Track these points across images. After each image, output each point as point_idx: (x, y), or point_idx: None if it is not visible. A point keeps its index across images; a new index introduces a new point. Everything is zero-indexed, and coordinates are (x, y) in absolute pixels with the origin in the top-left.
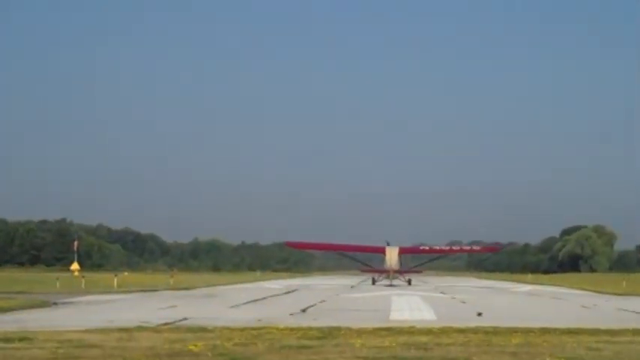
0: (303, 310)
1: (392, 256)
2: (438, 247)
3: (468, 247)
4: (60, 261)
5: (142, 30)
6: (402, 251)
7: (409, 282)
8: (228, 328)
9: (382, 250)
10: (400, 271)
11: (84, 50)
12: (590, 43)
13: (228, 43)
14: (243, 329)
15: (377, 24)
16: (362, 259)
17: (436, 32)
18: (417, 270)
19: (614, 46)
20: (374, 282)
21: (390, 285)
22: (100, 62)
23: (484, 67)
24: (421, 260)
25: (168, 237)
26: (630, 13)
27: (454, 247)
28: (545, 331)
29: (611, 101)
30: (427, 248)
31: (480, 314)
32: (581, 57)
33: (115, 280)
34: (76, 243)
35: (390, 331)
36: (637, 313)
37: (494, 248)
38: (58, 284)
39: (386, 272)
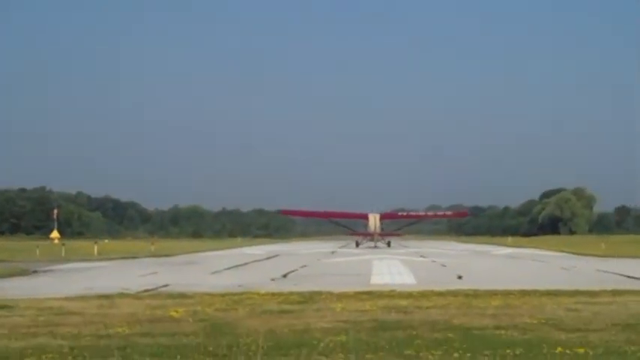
0: (284, 276)
1: (374, 222)
2: (414, 213)
3: (441, 213)
4: (40, 229)
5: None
6: (383, 217)
7: (389, 244)
8: (209, 294)
9: (365, 217)
10: (382, 234)
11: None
12: None
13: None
14: (224, 295)
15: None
16: (346, 224)
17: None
18: (397, 233)
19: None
20: (357, 245)
21: (375, 247)
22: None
23: (461, 29)
24: (399, 225)
25: (148, 204)
26: None
27: (428, 213)
28: (524, 293)
29: (589, 62)
30: (404, 214)
31: (460, 277)
32: (554, 12)
33: (96, 247)
34: (55, 211)
35: (371, 295)
36: (615, 274)
37: (463, 213)
38: (38, 252)
39: (370, 235)
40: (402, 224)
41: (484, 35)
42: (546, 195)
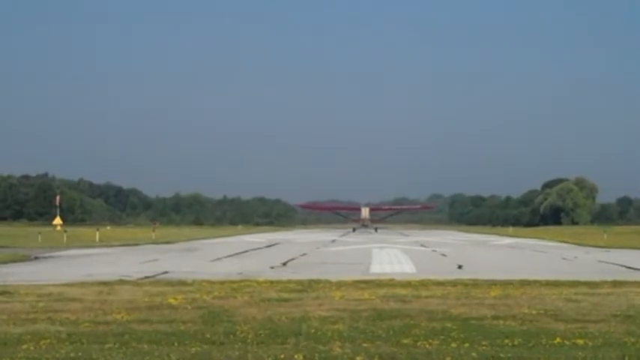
0: (284, 264)
1: (365, 213)
2: (396, 207)
3: (415, 206)
4: (42, 216)
5: None
6: (372, 209)
7: (375, 229)
8: (208, 282)
9: (359, 209)
10: (371, 221)
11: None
12: None
13: None
14: (223, 282)
15: None
16: (347, 215)
17: None
18: (382, 223)
19: None
20: (354, 230)
21: (367, 231)
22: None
23: (459, 18)
24: (386, 214)
25: (150, 191)
26: None
27: (404, 207)
28: (524, 283)
29: (593, 53)
30: (386, 207)
31: (460, 267)
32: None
33: (97, 234)
34: (58, 198)
35: (370, 283)
36: (616, 265)
37: (429, 207)
38: (40, 239)
39: (362, 222)
40: (384, 215)
41: (482, 23)
42: (548, 185)
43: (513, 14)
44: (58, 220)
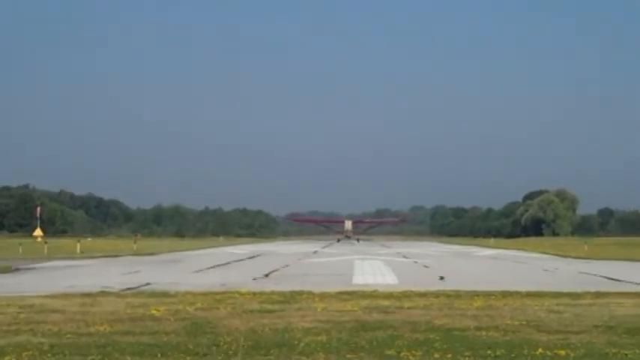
0: (267, 275)
1: (348, 225)
2: (377, 220)
3: (394, 219)
4: (23, 227)
5: None
6: (354, 222)
7: (358, 240)
8: (190, 293)
9: (342, 221)
10: (354, 232)
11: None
12: None
13: None
14: (206, 294)
15: None
16: (330, 227)
17: None
18: (364, 234)
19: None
20: (338, 240)
21: (349, 242)
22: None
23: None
24: (366, 227)
25: (131, 203)
26: None
27: (384, 219)
28: (506, 294)
29: (573, 66)
30: (367, 220)
31: (442, 278)
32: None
33: (78, 245)
34: (38, 209)
35: (353, 295)
36: (598, 276)
37: (404, 220)
38: (20, 250)
39: (345, 233)
40: (366, 227)
41: (470, 40)
42: (529, 197)
43: (494, 29)
44: (38, 232)
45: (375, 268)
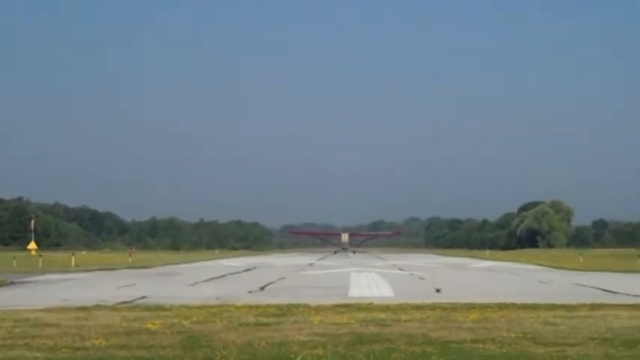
0: (262, 288)
1: (345, 238)
2: (372, 233)
3: (388, 232)
4: (17, 240)
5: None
6: (350, 235)
7: (353, 252)
8: (186, 306)
9: (339, 234)
10: (350, 245)
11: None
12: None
13: None
14: (201, 307)
15: None
16: (327, 239)
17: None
18: (360, 247)
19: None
20: (335, 252)
21: (345, 254)
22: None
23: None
24: (362, 239)
25: (126, 215)
26: None
27: (379, 233)
28: (502, 306)
29: (568, 78)
30: (363, 233)
31: (438, 290)
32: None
33: (73, 259)
34: (32, 222)
35: (349, 307)
36: (593, 288)
37: (398, 233)
38: (14, 263)
39: (342, 245)
40: (362, 240)
41: (467, 52)
42: (524, 208)
43: (493, 39)
44: (32, 245)
45: (370, 280)
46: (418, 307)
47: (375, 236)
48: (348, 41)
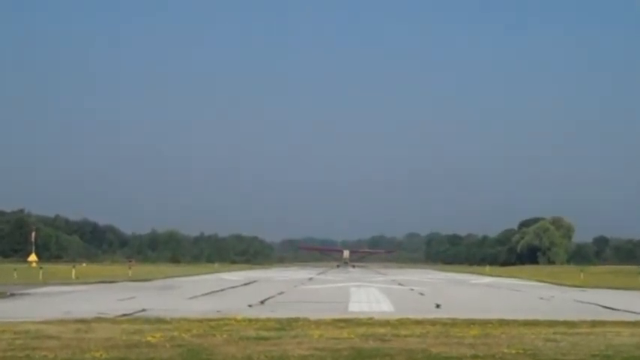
0: (262, 302)
1: (346, 253)
2: (370, 250)
3: (382, 250)
4: (17, 252)
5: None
6: (351, 251)
7: (353, 266)
8: (186, 320)
9: (341, 250)
10: (351, 260)
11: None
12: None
13: None
14: (201, 320)
15: None
16: (330, 254)
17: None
18: (359, 262)
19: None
20: (338, 266)
21: (345, 269)
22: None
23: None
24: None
25: (126, 228)
26: None
27: (377, 250)
28: (503, 322)
29: (566, 94)
30: (362, 250)
31: (438, 306)
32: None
33: (73, 271)
34: (33, 234)
35: (349, 322)
36: (594, 304)
37: (392, 251)
38: (15, 275)
39: (343, 260)
40: (362, 255)
41: (465, 62)
42: (524, 224)
43: (493, 50)
44: (33, 257)
45: (370, 295)
46: (418, 323)
47: (372, 253)
48: (347, 54)
